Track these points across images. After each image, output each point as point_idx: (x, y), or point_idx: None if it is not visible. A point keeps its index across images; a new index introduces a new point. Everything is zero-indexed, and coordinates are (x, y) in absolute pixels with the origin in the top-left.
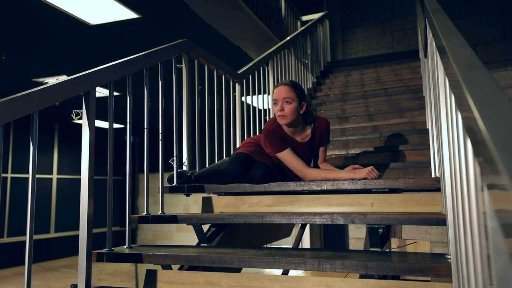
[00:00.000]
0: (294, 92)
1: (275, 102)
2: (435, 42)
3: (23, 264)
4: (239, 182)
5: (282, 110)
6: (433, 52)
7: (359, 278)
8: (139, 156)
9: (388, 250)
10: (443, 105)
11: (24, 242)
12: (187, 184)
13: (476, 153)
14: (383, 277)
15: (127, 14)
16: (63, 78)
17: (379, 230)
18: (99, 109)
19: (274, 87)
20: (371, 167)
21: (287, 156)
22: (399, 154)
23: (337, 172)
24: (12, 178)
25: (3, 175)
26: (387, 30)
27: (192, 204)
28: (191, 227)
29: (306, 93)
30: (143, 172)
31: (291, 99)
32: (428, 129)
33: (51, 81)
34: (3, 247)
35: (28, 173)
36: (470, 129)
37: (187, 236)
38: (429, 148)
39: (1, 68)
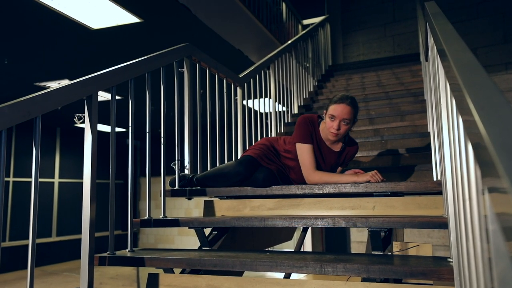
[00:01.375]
0: (353, 113)
1: (331, 117)
2: (436, 45)
3: (25, 268)
4: (240, 185)
5: (339, 129)
6: (434, 55)
7: (361, 281)
8: (140, 160)
9: (390, 253)
10: (444, 108)
11: (26, 246)
12: (188, 186)
13: (476, 156)
14: (385, 281)
15: (128, 18)
16: (65, 82)
17: (381, 234)
18: (101, 113)
19: (334, 101)
20: (375, 171)
21: (305, 150)
22: (400, 157)
23: (340, 176)
24: (14, 182)
25: (5, 179)
26: (388, 33)
27: (193, 208)
28: (192, 230)
29: (307, 96)
30: (145, 176)
31: (349, 120)
32: (429, 132)
33: (53, 85)
34: (5, 251)
35: (30, 177)
36: (470, 133)
37: (188, 240)
38: (430, 152)
39: (3, 72)
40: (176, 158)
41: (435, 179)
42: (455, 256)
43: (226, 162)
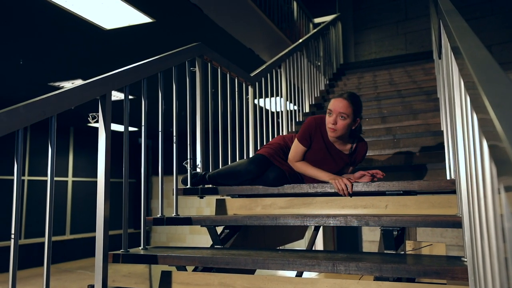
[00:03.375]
0: (351, 108)
1: (329, 112)
2: (450, 43)
3: (40, 265)
4: (251, 184)
5: (335, 124)
6: (447, 53)
7: (374, 280)
8: (153, 159)
9: (403, 252)
10: (458, 106)
11: (41, 243)
12: (200, 183)
13: (492, 155)
14: (398, 280)
15: (141, 18)
16: (78, 82)
17: (394, 233)
18: (113, 112)
19: (333, 97)
20: (348, 182)
21: (297, 148)
22: (413, 156)
23: (320, 171)
24: (28, 180)
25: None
26: (400, 31)
27: (205, 206)
28: (204, 229)
29: (319, 95)
30: (157, 174)
31: (346, 115)
32: (442, 131)
33: (67, 85)
34: (20, 249)
35: (44, 175)
36: (486, 130)
37: (200, 239)
38: (444, 150)
39: (18, 73)
40: (188, 157)
41: (448, 177)
42: (469, 255)
43: (237, 160)
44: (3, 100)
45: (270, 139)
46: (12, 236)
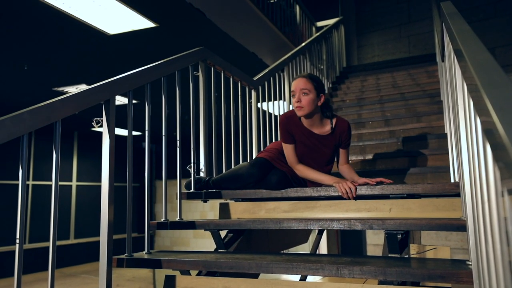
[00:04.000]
0: (311, 84)
1: (293, 94)
2: (452, 46)
3: (44, 270)
4: (254, 187)
5: (299, 101)
6: (450, 56)
7: (378, 284)
8: (156, 163)
9: (407, 256)
10: (461, 109)
11: (45, 248)
12: (204, 189)
13: (496, 158)
14: (403, 284)
15: (144, 23)
16: (83, 87)
17: (398, 236)
18: (117, 117)
19: (293, 79)
20: (352, 186)
21: (287, 149)
22: (416, 159)
23: (322, 175)
24: (33, 185)
25: None
26: (404, 34)
27: (208, 210)
28: (208, 233)
29: None
30: (161, 179)
31: (308, 90)
32: (446, 134)
33: (71, 90)
34: (24, 253)
35: (48, 180)
36: (489, 133)
37: (203, 242)
38: (448, 153)
39: (23, 78)
40: (192, 161)
41: (452, 180)
42: (474, 259)
43: (242, 163)
44: (8, 105)
45: (271, 144)
46: (17, 240)
